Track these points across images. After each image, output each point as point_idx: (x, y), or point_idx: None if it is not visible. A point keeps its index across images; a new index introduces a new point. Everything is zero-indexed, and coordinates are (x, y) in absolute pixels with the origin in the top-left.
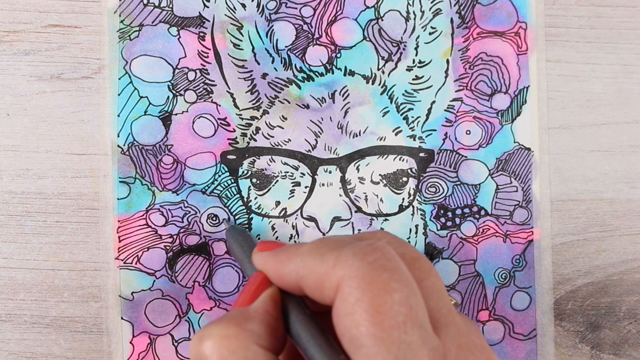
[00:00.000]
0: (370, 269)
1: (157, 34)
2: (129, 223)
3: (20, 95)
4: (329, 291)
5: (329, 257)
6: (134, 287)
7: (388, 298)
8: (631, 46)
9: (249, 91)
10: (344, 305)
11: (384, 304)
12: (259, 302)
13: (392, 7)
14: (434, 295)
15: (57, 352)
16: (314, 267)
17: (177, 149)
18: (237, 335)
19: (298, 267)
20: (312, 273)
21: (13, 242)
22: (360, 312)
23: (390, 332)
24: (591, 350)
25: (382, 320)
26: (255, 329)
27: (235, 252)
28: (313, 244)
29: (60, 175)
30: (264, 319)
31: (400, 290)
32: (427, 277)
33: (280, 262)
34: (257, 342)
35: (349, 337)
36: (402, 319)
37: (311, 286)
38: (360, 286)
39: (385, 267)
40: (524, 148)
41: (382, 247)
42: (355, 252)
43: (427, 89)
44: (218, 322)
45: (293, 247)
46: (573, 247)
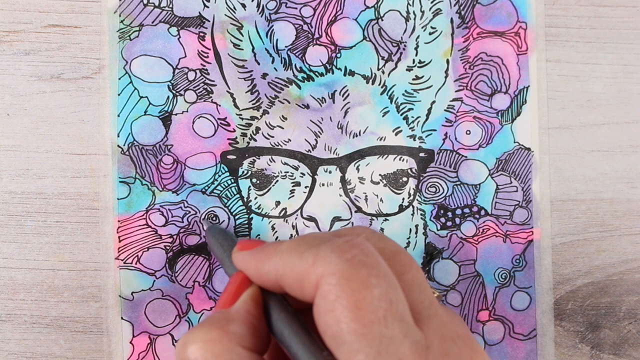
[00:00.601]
0: (349, 266)
1: (157, 34)
2: (129, 223)
3: (20, 95)
4: (308, 289)
5: (307, 255)
6: (134, 287)
7: (367, 293)
8: (631, 46)
9: (249, 91)
10: (324, 303)
11: (364, 300)
12: (240, 302)
13: (392, 7)
14: (415, 288)
15: (57, 352)
16: (293, 265)
17: (177, 149)
18: (220, 339)
19: (277, 266)
20: (292, 271)
21: (13, 242)
22: (340, 309)
23: (371, 328)
24: (591, 350)
25: (362, 316)
26: (238, 331)
27: (216, 252)
28: (292, 242)
29: (60, 175)
30: (246, 319)
31: (379, 285)
32: (407, 270)
33: (260, 261)
34: (241, 344)
35: (331, 334)
36: (382, 314)
37: (291, 284)
38: (339, 283)
39: (364, 262)
40: (524, 148)
41: (360, 243)
42: (333, 249)
43: (427, 89)
44: (201, 327)
45: (272, 245)
46: (573, 247)
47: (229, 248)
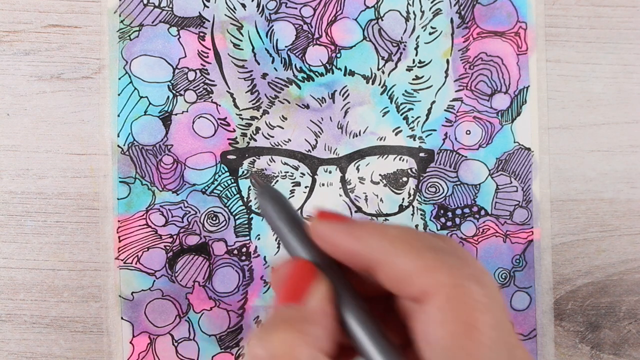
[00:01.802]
0: (476, 285)
1: (157, 34)
2: (129, 223)
3: (20, 95)
4: (416, 290)
5: (427, 256)
6: (134, 287)
7: (487, 316)
8: (631, 46)
9: (249, 91)
10: (439, 313)
11: (483, 322)
12: (316, 301)
13: (392, 7)
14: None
15: (57, 352)
16: (406, 258)
17: (177, 149)
18: (302, 345)
19: (382, 250)
20: (402, 264)
21: (13, 242)
22: (456, 324)
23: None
24: (591, 350)
25: (478, 336)
26: (318, 335)
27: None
28: (401, 230)
29: (60, 175)
30: (323, 321)
31: (494, 310)
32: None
33: (356, 237)
34: (318, 348)
35: (440, 345)
36: (495, 339)
37: (392, 275)
38: (459, 298)
39: (487, 286)
40: (524, 148)
41: (475, 260)
42: (456, 260)
43: (427, 89)
44: (279, 328)
45: (373, 225)
46: (573, 247)
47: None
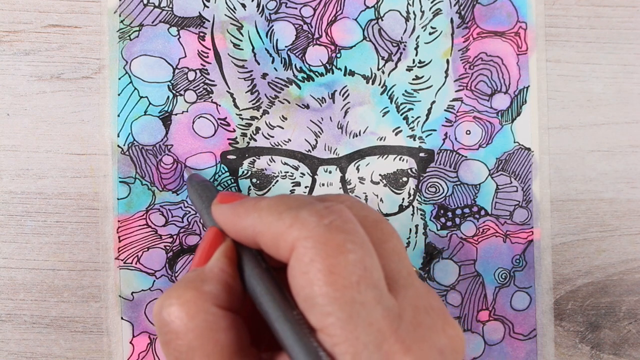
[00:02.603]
0: (326, 230)
1: (157, 34)
2: (129, 223)
3: (20, 95)
4: (284, 250)
5: (286, 216)
6: (134, 287)
7: (342, 258)
8: (631, 46)
9: (249, 91)
10: (298, 265)
11: (338, 264)
12: (214, 260)
13: (392, 7)
14: (394, 257)
15: (57, 352)
16: (271, 224)
17: (177, 149)
18: (195, 299)
19: (255, 223)
20: (269, 230)
21: (13, 242)
22: (314, 272)
23: (343, 292)
24: (591, 350)
25: (335, 280)
26: (213, 290)
27: (195, 202)
28: (272, 200)
29: (60, 175)
30: (221, 278)
31: (355, 251)
32: (388, 239)
33: (238, 216)
34: (216, 303)
35: (303, 295)
36: (355, 279)
37: (267, 243)
38: (315, 246)
39: (341, 228)
40: (524, 148)
41: (339, 210)
42: (312, 213)
43: (427, 89)
44: (176, 288)
45: (252, 201)
46: (573, 247)
47: (208, 199)
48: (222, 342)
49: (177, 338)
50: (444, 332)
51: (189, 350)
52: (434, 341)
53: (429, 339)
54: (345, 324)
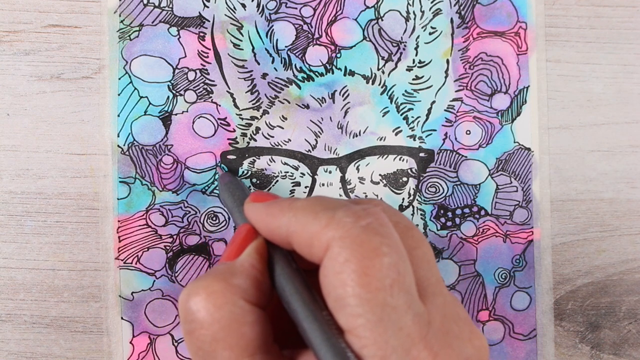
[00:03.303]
0: (362, 232)
1: (157, 34)
2: (129, 223)
3: (20, 95)
4: (318, 250)
5: (322, 216)
6: (134, 287)
7: (377, 261)
8: (631, 46)
9: (249, 91)
10: (332, 265)
11: (373, 267)
12: (245, 256)
13: (392, 7)
14: (424, 264)
15: (57, 352)
16: (306, 224)
17: (177, 149)
18: (223, 291)
19: (290, 222)
20: (304, 230)
21: (13, 242)
22: (347, 272)
23: (376, 294)
24: (591, 350)
25: (369, 282)
26: (242, 284)
27: (226, 200)
28: (307, 201)
29: (60, 175)
30: (250, 273)
31: (389, 255)
32: (419, 246)
33: (272, 215)
34: (244, 297)
35: (335, 296)
36: (389, 283)
37: (301, 243)
38: (351, 247)
39: (377, 231)
40: (524, 148)
41: (375, 213)
42: (349, 214)
43: (427, 89)
44: (205, 278)
45: (287, 201)
46: (573, 247)
47: (240, 198)
48: (247, 336)
49: (201, 328)
50: (470, 341)
51: (212, 341)
52: (461, 350)
53: (457, 348)
54: (375, 327)
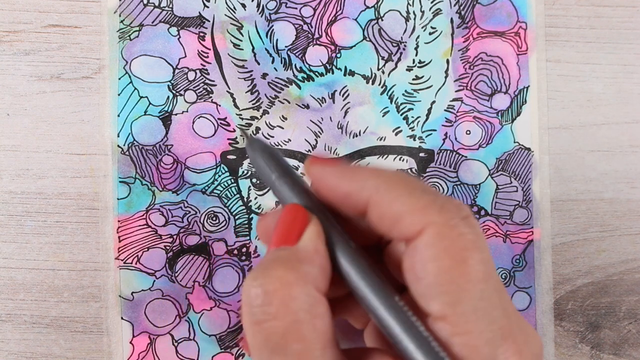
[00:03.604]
0: (464, 225)
1: (157, 34)
2: (129, 223)
3: (20, 95)
4: (408, 228)
5: (421, 196)
6: (134, 287)
7: (475, 254)
8: (631, 46)
9: (249, 91)
10: (428, 250)
11: (472, 258)
12: (307, 240)
13: (392, 7)
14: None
15: (57, 352)
16: (399, 197)
17: (177, 149)
18: (297, 281)
19: (375, 190)
20: (394, 202)
21: (13, 242)
22: (446, 260)
23: (474, 285)
24: (591, 350)
25: (468, 272)
26: (311, 272)
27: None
28: (397, 173)
29: (60, 175)
30: (316, 259)
31: (484, 251)
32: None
33: (352, 179)
34: (315, 286)
35: (428, 282)
36: (484, 277)
37: (384, 214)
38: (451, 236)
39: (474, 226)
40: (524, 148)
41: (468, 209)
42: (452, 204)
43: (427, 89)
44: (274, 266)
45: (367, 167)
46: (573, 247)
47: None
48: (319, 328)
49: (274, 319)
50: (535, 337)
51: (285, 334)
52: (533, 346)
53: (530, 344)
54: (471, 316)
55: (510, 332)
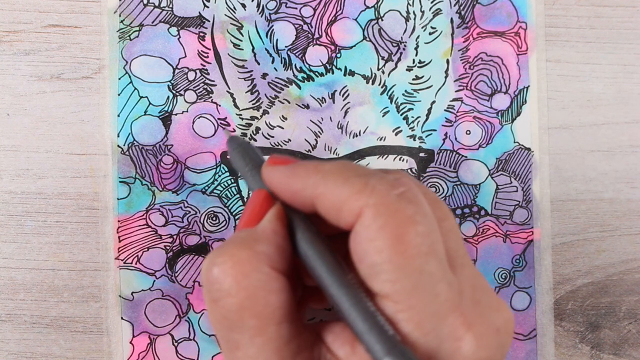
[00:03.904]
0: (397, 200)
1: (157, 34)
2: (129, 223)
3: (20, 95)
4: (347, 214)
5: (354, 181)
6: (134, 287)
7: (412, 229)
8: (631, 46)
9: (249, 91)
10: (365, 231)
11: (408, 234)
12: (266, 221)
13: (392, 7)
14: (453, 236)
15: (57, 352)
16: (336, 187)
17: (177, 149)
18: (249, 259)
19: (317, 184)
20: (333, 193)
21: (13, 242)
22: (383, 239)
23: (412, 261)
24: (591, 350)
25: (405, 249)
26: (266, 250)
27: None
28: (336, 164)
29: (60, 175)
30: (273, 239)
31: (423, 223)
32: (447, 218)
33: (297, 177)
34: (269, 264)
35: (369, 262)
36: (424, 250)
37: (328, 206)
38: (385, 214)
39: (411, 200)
40: (524, 148)
41: (408, 183)
42: (383, 182)
43: (427, 89)
44: (229, 246)
45: (312, 163)
46: (573, 247)
47: (253, 161)
48: (274, 304)
49: (228, 296)
50: (499, 312)
51: (239, 310)
52: (492, 320)
53: (487, 317)
54: (412, 292)
55: (458, 305)
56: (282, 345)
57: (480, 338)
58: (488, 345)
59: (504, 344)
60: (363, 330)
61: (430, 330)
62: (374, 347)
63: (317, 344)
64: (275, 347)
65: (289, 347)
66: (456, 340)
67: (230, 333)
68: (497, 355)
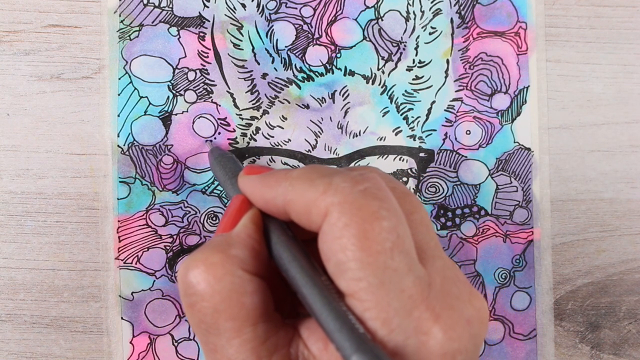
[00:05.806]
0: (361, 196)
1: (157, 34)
2: (129, 223)
3: (20, 95)
4: (316, 216)
5: (319, 183)
6: (134, 287)
7: (376, 225)
8: (631, 46)
9: (249, 91)
10: (331, 230)
11: (372, 230)
12: (241, 226)
13: (392, 7)
14: (422, 228)
15: (57, 352)
16: (303, 191)
17: (177, 149)
18: (222, 262)
19: (286, 191)
20: (301, 198)
21: (13, 242)
22: (347, 237)
23: (377, 257)
24: (591, 350)
25: (369, 245)
26: (240, 254)
27: (218, 173)
28: (303, 169)
29: (60, 175)
30: (247, 243)
31: (388, 218)
32: (416, 210)
33: (268, 186)
34: (243, 267)
35: (335, 261)
36: (389, 246)
37: (298, 211)
38: (349, 211)
39: (376, 195)
40: (524, 148)
41: (373, 177)
42: (346, 180)
43: (427, 89)
44: (202, 250)
45: (282, 171)
46: (573, 247)
47: (231, 171)
48: (248, 305)
49: (202, 300)
50: (470, 303)
51: (214, 313)
52: (462, 311)
53: (457, 309)
54: (377, 290)
55: (425, 298)
56: (258, 344)
57: (448, 330)
58: (458, 336)
59: (477, 335)
60: (333, 330)
61: (396, 327)
62: (343, 345)
63: (295, 340)
64: (252, 347)
65: (266, 346)
66: (423, 334)
67: (208, 336)
68: (469, 345)
